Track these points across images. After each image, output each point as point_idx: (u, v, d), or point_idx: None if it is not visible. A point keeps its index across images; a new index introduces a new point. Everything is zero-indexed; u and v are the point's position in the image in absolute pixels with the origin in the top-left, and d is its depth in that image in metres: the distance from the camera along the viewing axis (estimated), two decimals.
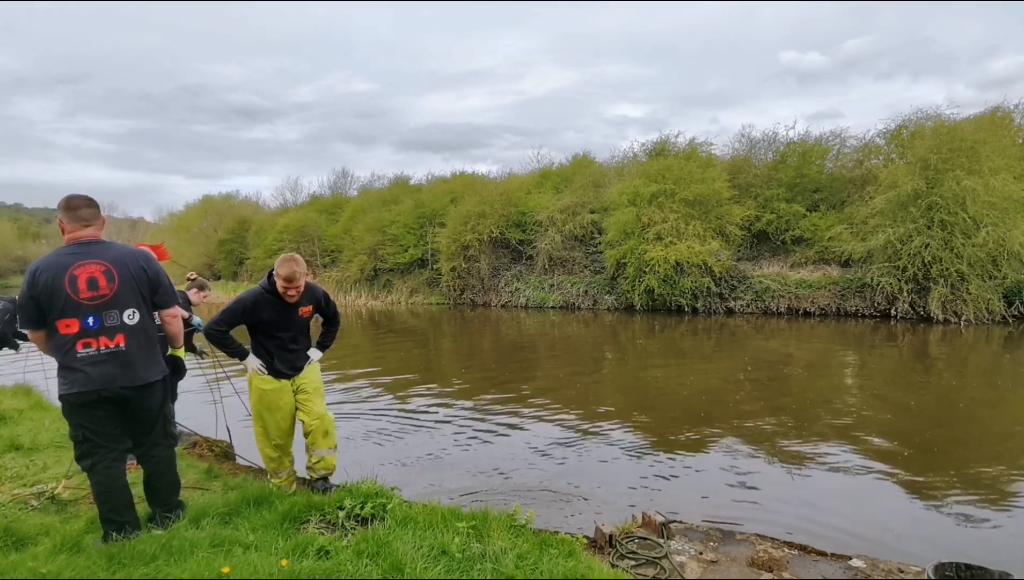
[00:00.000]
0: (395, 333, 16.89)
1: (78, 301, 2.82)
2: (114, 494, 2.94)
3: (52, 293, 2.79)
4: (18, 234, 62.31)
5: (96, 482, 2.94)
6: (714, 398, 8.06)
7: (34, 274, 2.83)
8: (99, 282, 2.86)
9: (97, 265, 2.87)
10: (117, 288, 2.89)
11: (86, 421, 2.90)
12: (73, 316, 2.82)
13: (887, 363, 10.70)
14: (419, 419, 7.15)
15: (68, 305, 2.81)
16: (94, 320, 2.85)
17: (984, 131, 15.45)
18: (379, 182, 36.15)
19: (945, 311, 14.94)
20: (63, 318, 2.82)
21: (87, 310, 2.83)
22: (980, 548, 3.85)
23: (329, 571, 2.57)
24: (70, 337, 2.83)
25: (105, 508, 2.93)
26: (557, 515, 4.32)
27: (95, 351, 2.85)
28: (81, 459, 2.95)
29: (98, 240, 2.98)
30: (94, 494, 2.98)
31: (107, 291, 2.87)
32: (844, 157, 20.09)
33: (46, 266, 2.84)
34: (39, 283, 2.80)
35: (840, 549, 3.57)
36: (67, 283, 2.81)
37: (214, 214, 39.37)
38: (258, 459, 4.76)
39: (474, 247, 22.89)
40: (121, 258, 2.95)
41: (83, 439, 2.92)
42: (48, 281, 2.80)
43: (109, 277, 2.88)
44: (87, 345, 2.84)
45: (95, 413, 2.90)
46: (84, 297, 2.82)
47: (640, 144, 25.29)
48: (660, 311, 18.67)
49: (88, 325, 2.84)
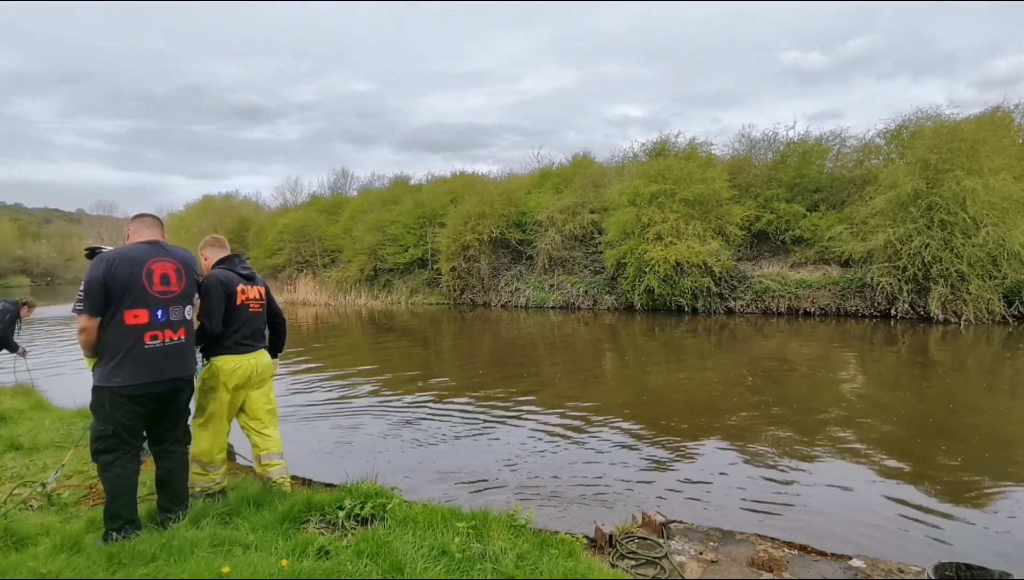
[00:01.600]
0: (395, 333, 16.89)
1: (152, 294, 3.03)
2: (128, 490, 3.03)
3: (128, 283, 2.96)
4: (18, 234, 62.27)
5: (113, 476, 2.97)
6: (714, 398, 8.06)
7: (111, 262, 2.97)
8: (171, 278, 3.12)
9: (170, 263, 3.14)
10: (184, 286, 3.18)
11: (123, 415, 2.96)
12: (144, 307, 3.01)
13: (887, 363, 10.70)
14: (419, 419, 7.15)
15: (142, 296, 3.00)
16: (162, 313, 3.07)
17: (984, 131, 15.45)
18: (379, 182, 36.22)
19: (945, 311, 14.94)
20: (134, 308, 2.98)
21: (158, 303, 3.05)
22: (980, 548, 3.85)
23: (329, 571, 2.57)
24: (138, 327, 2.99)
25: (117, 504, 2.97)
26: (557, 515, 4.32)
27: (161, 343, 3.04)
28: (102, 453, 2.96)
29: (165, 241, 3.29)
30: (106, 489, 3.01)
31: (176, 288, 3.14)
32: (844, 157, 20.08)
33: (123, 256, 3.02)
34: (115, 272, 2.95)
35: (840, 549, 3.57)
36: (144, 275, 3.02)
37: (214, 214, 39.35)
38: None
39: (474, 247, 22.89)
40: (186, 260, 3.26)
41: (112, 434, 2.95)
42: (126, 271, 2.98)
43: (179, 275, 3.16)
44: (154, 337, 3.03)
45: (137, 408, 3.01)
46: (157, 290, 3.05)
47: (640, 144, 25.34)
48: (660, 311, 18.67)
49: (157, 317, 3.04)
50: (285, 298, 28.49)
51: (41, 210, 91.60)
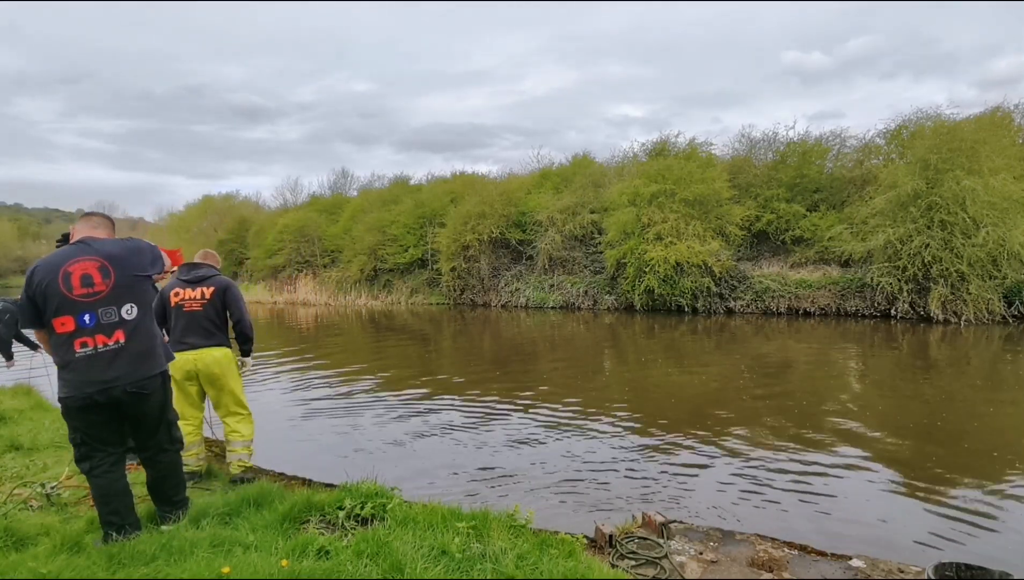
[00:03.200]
0: (395, 333, 16.89)
1: (72, 298, 2.77)
2: (114, 497, 2.92)
3: (47, 291, 2.77)
4: (18, 234, 62.26)
5: (96, 485, 2.91)
6: (714, 398, 8.06)
7: (31, 273, 2.84)
8: (94, 278, 2.81)
9: (92, 261, 2.84)
10: (113, 283, 2.84)
11: (82, 425, 2.86)
12: (68, 314, 2.77)
13: (887, 363, 10.70)
14: (419, 419, 7.15)
15: (63, 303, 2.77)
16: (90, 317, 2.79)
17: (984, 131, 15.44)
18: (379, 182, 36.20)
19: (945, 311, 14.94)
20: (58, 316, 2.77)
21: (82, 307, 2.79)
22: (980, 548, 3.85)
23: (329, 571, 2.57)
24: (66, 335, 2.78)
25: (106, 511, 2.91)
26: (557, 515, 4.31)
27: (92, 350, 2.79)
28: (80, 462, 2.93)
29: (96, 238, 2.96)
30: (93, 497, 2.96)
31: (103, 287, 2.82)
32: (844, 157, 20.07)
33: (42, 265, 2.85)
34: (34, 282, 2.80)
35: (840, 549, 3.56)
36: (60, 280, 2.77)
37: (214, 214, 39.36)
38: (258, 459, 4.77)
39: (474, 247, 22.88)
40: (117, 253, 2.91)
41: (80, 442, 2.89)
42: (42, 279, 2.79)
43: (104, 273, 2.84)
44: (84, 344, 2.78)
45: (91, 417, 2.84)
46: (78, 294, 2.78)
47: (640, 144, 25.32)
48: (660, 311, 18.67)
49: (84, 323, 2.78)
50: (285, 298, 28.50)
51: (41, 210, 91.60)
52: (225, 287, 4.29)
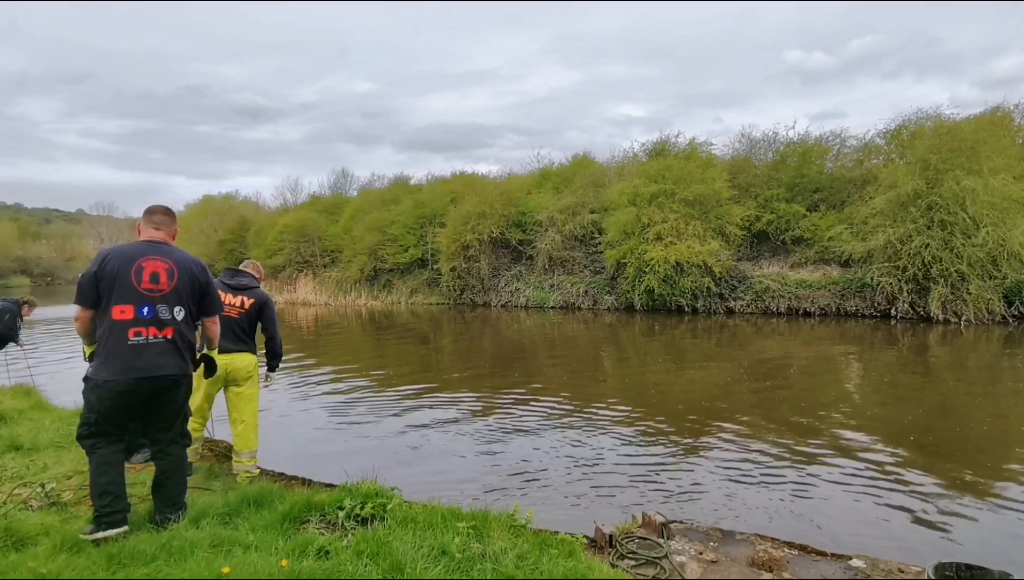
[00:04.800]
0: (395, 333, 16.89)
1: (139, 290, 3.06)
2: (114, 467, 3.07)
3: (116, 278, 3.02)
4: (18, 234, 62.18)
5: (96, 459, 3.05)
6: (714, 398, 8.06)
7: (104, 257, 3.07)
8: (161, 277, 3.13)
9: (163, 262, 3.15)
10: (175, 285, 3.17)
11: (106, 408, 3.03)
12: (130, 303, 3.04)
13: (887, 363, 10.70)
14: (419, 418, 7.15)
15: (128, 292, 3.04)
16: (149, 310, 3.08)
17: (984, 131, 15.44)
18: (379, 182, 36.13)
19: (945, 311, 14.93)
20: (120, 304, 3.03)
21: (145, 300, 3.07)
22: (980, 548, 3.85)
23: (329, 571, 2.57)
24: (124, 322, 3.02)
25: (103, 480, 3.01)
26: (557, 515, 4.31)
27: (144, 340, 3.06)
28: (85, 438, 3.07)
29: (167, 243, 3.29)
30: (92, 468, 3.06)
31: (166, 287, 3.14)
32: (844, 157, 20.08)
33: (116, 253, 3.11)
34: (107, 266, 3.03)
35: (840, 549, 3.57)
36: (133, 272, 3.06)
37: (214, 214, 39.32)
38: (257, 459, 4.76)
39: (474, 247, 22.88)
40: (183, 262, 3.25)
41: (94, 422, 3.04)
42: (115, 266, 3.04)
43: (170, 275, 3.16)
44: (138, 333, 3.04)
45: (119, 402, 3.03)
46: (145, 288, 3.08)
47: (640, 144, 25.33)
48: (660, 311, 18.67)
49: (143, 314, 3.06)
50: (285, 298, 28.48)
51: (41, 210, 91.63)
52: (264, 302, 4.53)
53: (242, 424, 4.44)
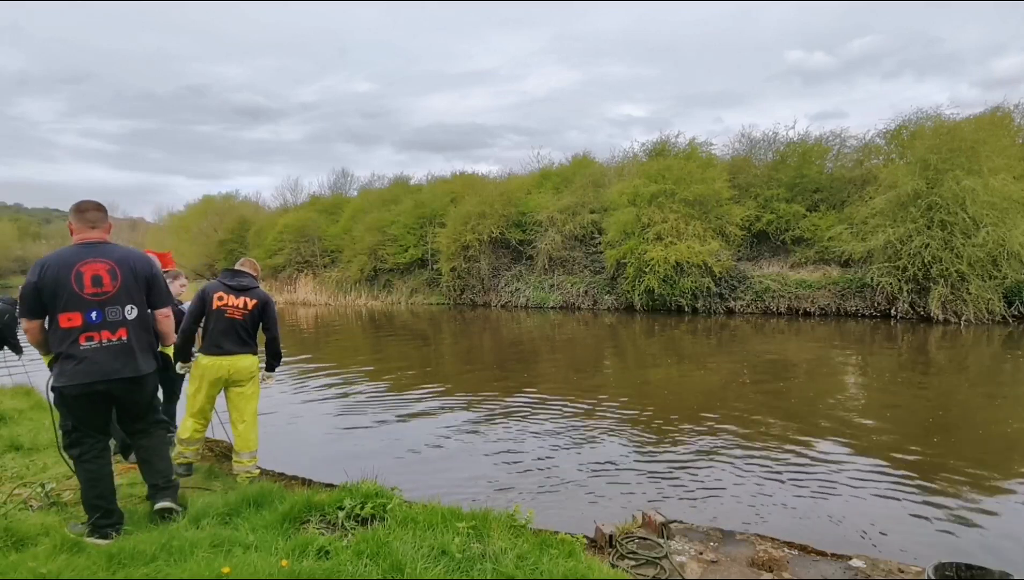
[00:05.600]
0: (395, 333, 16.89)
1: (82, 296, 2.98)
2: (101, 481, 3.11)
3: (56, 287, 2.97)
4: (18, 234, 62.23)
5: (85, 470, 3.09)
6: (714, 398, 8.06)
7: (42, 267, 3.01)
8: (104, 279, 3.04)
9: (102, 263, 3.06)
10: (120, 285, 3.08)
11: (77, 413, 3.06)
12: (76, 310, 2.98)
13: (887, 363, 10.70)
14: (419, 418, 7.15)
15: (72, 300, 2.97)
16: (97, 314, 3.01)
17: (984, 131, 15.44)
18: (379, 182, 36.11)
19: (945, 311, 14.93)
20: (66, 312, 2.97)
21: (91, 305, 3.00)
22: (980, 548, 3.85)
23: (329, 571, 2.57)
24: (73, 330, 2.99)
25: (93, 494, 3.08)
26: (557, 515, 4.31)
27: (98, 344, 3.01)
28: (70, 448, 3.12)
29: (104, 241, 3.17)
30: (81, 481, 3.11)
31: (110, 288, 3.06)
32: (844, 157, 20.08)
33: (53, 261, 3.03)
34: (46, 276, 2.97)
35: (840, 549, 3.56)
36: (73, 279, 2.98)
37: (214, 214, 39.31)
38: (258, 459, 4.76)
39: (474, 247, 22.87)
40: (124, 259, 3.15)
41: (72, 429, 3.09)
42: (54, 275, 2.96)
43: (113, 275, 3.07)
44: (89, 338, 3.00)
45: (87, 405, 3.05)
46: (89, 293, 3.00)
47: (640, 144, 25.33)
48: (660, 311, 18.67)
49: (91, 319, 3.00)
50: (285, 298, 28.48)
51: (41, 210, 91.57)
52: (265, 302, 4.53)
53: (243, 424, 4.42)
